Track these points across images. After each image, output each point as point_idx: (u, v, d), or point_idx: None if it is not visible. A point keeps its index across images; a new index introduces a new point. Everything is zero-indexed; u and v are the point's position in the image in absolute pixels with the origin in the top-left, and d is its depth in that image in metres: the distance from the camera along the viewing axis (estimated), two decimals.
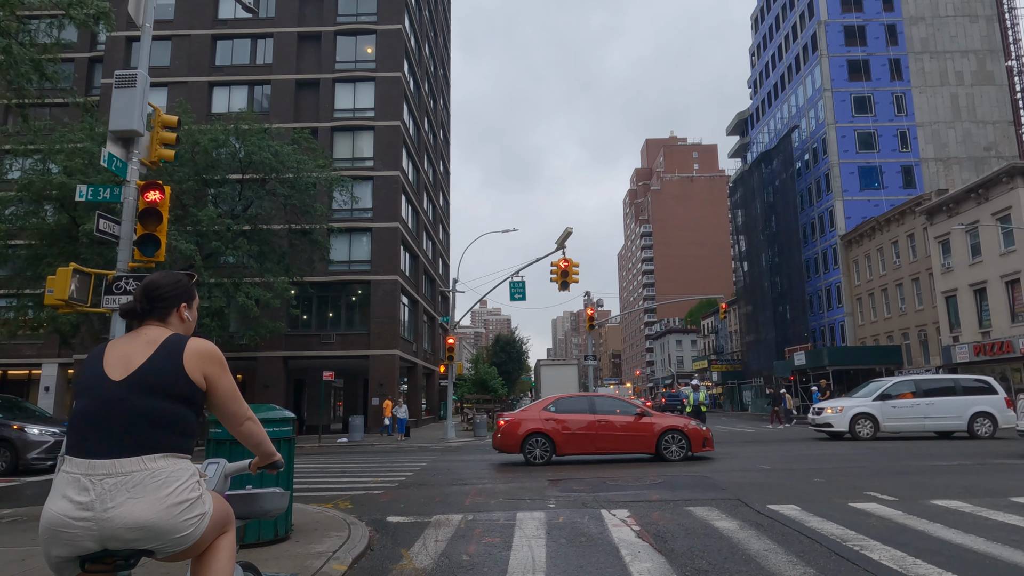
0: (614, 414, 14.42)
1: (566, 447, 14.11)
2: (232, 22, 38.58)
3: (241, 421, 2.57)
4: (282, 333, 30.76)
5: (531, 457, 14.05)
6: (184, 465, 2.27)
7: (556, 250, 25.18)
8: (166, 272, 2.62)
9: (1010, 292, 33.68)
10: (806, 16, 57.32)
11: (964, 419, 19.05)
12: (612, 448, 14.22)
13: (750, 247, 64.40)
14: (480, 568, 5.31)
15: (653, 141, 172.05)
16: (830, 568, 4.97)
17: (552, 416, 14.32)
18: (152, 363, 2.29)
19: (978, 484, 9.31)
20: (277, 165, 25.48)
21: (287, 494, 2.83)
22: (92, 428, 2.20)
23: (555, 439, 14.07)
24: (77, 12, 12.79)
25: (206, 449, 6.03)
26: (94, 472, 2.13)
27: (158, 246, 8.79)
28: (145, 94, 9.05)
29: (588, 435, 14.12)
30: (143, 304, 2.49)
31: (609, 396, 15.97)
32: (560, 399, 15.04)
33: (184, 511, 2.19)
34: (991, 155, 50.59)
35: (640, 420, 14.31)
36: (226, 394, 2.48)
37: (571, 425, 14.19)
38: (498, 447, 14.50)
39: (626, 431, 14.18)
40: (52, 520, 2.10)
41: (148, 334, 2.40)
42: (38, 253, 22.72)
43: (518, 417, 14.53)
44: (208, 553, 2.34)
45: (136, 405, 2.22)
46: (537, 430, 14.14)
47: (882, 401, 19.78)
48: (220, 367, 2.45)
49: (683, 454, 14.14)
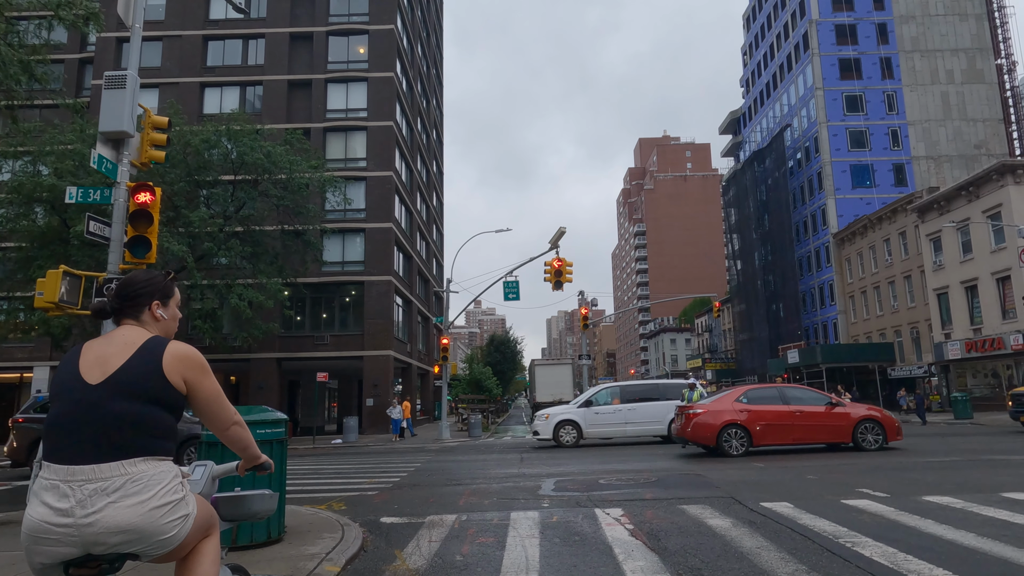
0: (806, 404, 14.57)
1: (762, 438, 14.22)
2: (223, 23, 38.42)
3: (227, 426, 2.52)
4: (275, 334, 30.68)
5: (728, 448, 14.07)
6: (165, 467, 2.24)
7: (550, 249, 25.21)
8: (143, 270, 2.57)
9: (1001, 289, 33.90)
10: (797, 15, 57.55)
11: (664, 424, 19.09)
12: (807, 438, 14.37)
13: (743, 246, 64.63)
14: (474, 568, 5.31)
15: (646, 140, 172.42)
16: (822, 565, 4.99)
17: (746, 408, 14.40)
18: (130, 366, 2.24)
19: (970, 480, 9.36)
20: (269, 166, 25.40)
21: (276, 496, 2.82)
22: (69, 434, 2.16)
23: (751, 430, 14.17)
24: (66, 13, 12.73)
25: (198, 451, 6.01)
26: (73, 478, 2.10)
27: (149, 248, 8.74)
28: (135, 95, 9.01)
29: (783, 426, 14.26)
30: (114, 302, 2.43)
31: (797, 386, 16.07)
32: (750, 390, 15.12)
33: (167, 513, 2.17)
34: (981, 153, 50.92)
35: (833, 410, 14.46)
36: (209, 398, 2.42)
37: (766, 416, 14.27)
38: (690, 438, 14.58)
39: (821, 421, 14.34)
40: (32, 527, 2.08)
41: (126, 335, 2.35)
42: (28, 255, 22.57)
43: (711, 409, 14.53)
44: (192, 557, 2.32)
45: (114, 409, 2.18)
46: (733, 421, 14.19)
47: (586, 408, 19.80)
48: (201, 371, 2.38)
49: (879, 443, 14.27)
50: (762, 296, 59.91)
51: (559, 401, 36.08)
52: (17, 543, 6.29)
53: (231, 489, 4.05)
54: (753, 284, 61.86)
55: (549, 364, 39.63)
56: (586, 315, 31.94)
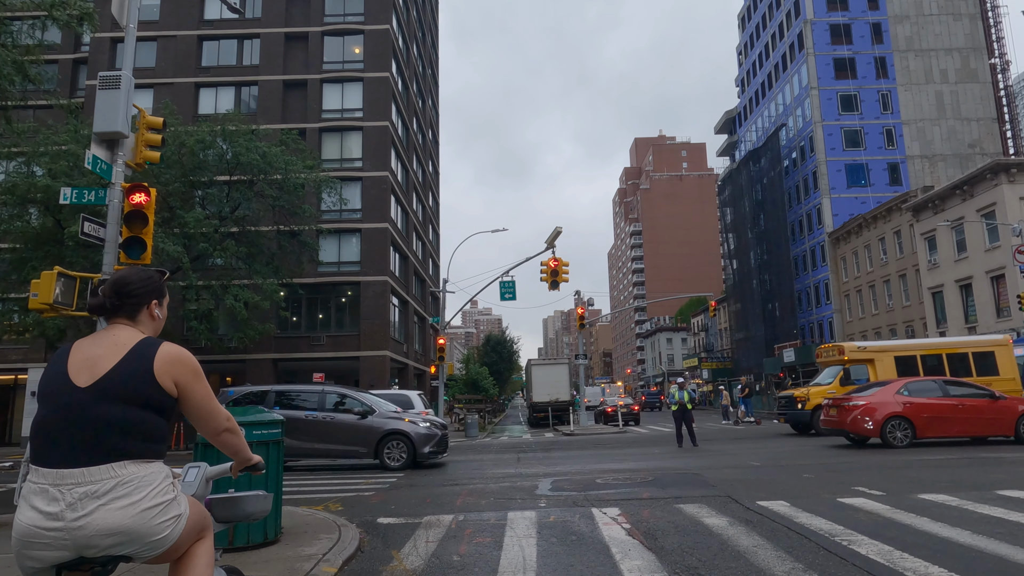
0: (968, 397, 14.66)
1: (926, 430, 14.33)
2: (218, 23, 38.32)
3: (219, 431, 2.50)
4: (271, 335, 30.61)
5: (892, 439, 14.23)
6: (156, 468, 2.22)
7: (546, 249, 25.22)
8: (137, 268, 2.55)
9: (995, 287, 34.04)
10: (792, 15, 57.69)
11: None
12: (970, 431, 14.49)
13: (739, 245, 64.76)
14: (471, 568, 5.31)
15: (642, 140, 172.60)
16: (818, 563, 5.00)
17: (908, 400, 14.53)
18: (120, 369, 2.21)
19: (965, 478, 9.40)
20: (265, 166, 25.34)
21: (270, 497, 2.82)
22: (58, 437, 2.13)
23: (915, 422, 14.29)
24: (60, 13, 12.69)
25: (194, 452, 5.99)
26: (63, 482, 2.08)
27: (144, 248, 8.72)
28: (130, 96, 8.98)
29: (947, 418, 14.39)
30: (112, 300, 2.39)
31: (956, 379, 16.16)
32: (911, 383, 15.20)
33: (159, 513, 2.15)
34: (975, 152, 51.12)
35: (996, 402, 14.58)
36: (200, 402, 2.38)
37: (930, 408, 14.39)
38: (850, 429, 14.73)
39: (984, 413, 14.46)
40: (22, 531, 2.07)
41: (117, 335, 2.32)
42: (22, 256, 22.49)
43: (874, 401, 14.68)
44: (185, 558, 2.31)
45: (103, 413, 2.15)
46: (896, 413, 14.33)
47: None
48: (193, 374, 2.35)
49: None
50: (758, 295, 60.05)
51: (556, 401, 36.09)
52: (9, 546, 6.25)
53: (225, 491, 4.04)
54: (749, 283, 62.00)
55: (545, 364, 39.63)
56: (582, 315, 31.96)
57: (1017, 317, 32.15)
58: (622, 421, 31.27)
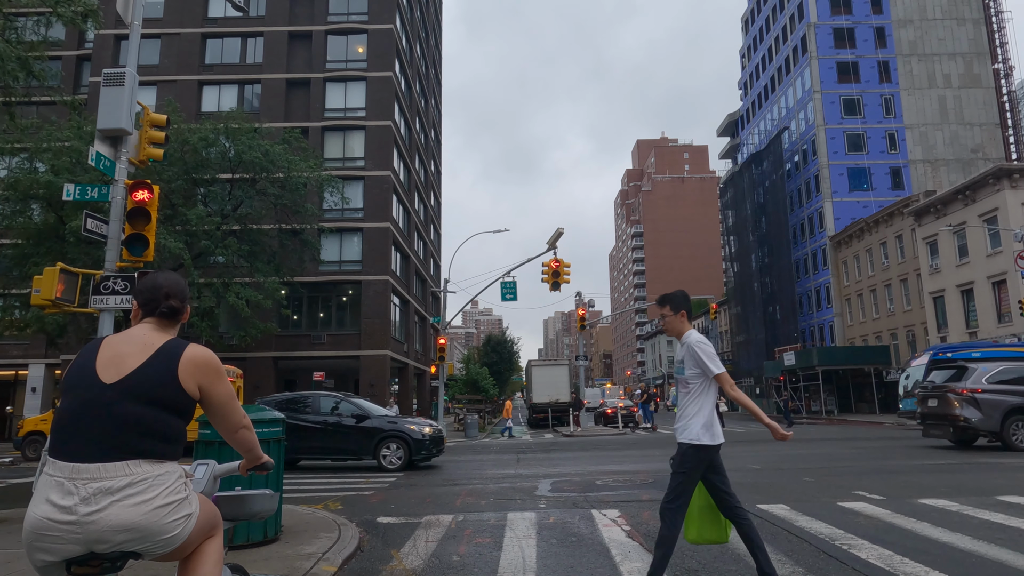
0: None
1: None
2: (222, 20, 38.37)
3: (236, 429, 2.54)
4: (272, 333, 30.63)
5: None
6: (169, 468, 2.24)
7: (548, 250, 25.21)
8: (166, 272, 2.58)
9: (996, 293, 34.01)
10: (796, 18, 57.66)
11: None
12: None
13: (740, 248, 64.71)
14: (470, 569, 5.31)
15: (644, 142, 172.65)
16: (818, 567, 5.00)
17: None
18: (145, 369, 2.24)
19: (965, 483, 9.38)
20: (267, 165, 25.37)
21: (276, 496, 2.82)
22: (77, 430, 2.16)
23: None
24: (64, 10, 12.68)
25: (195, 450, 5.99)
26: (78, 476, 2.09)
27: (146, 246, 8.72)
28: (133, 93, 8.98)
29: None
30: (168, 304, 2.45)
31: None
32: None
33: (171, 512, 2.17)
34: (978, 157, 51.08)
35: None
36: (221, 402, 2.43)
37: None
38: None
39: None
40: (35, 524, 2.07)
41: (146, 336, 2.35)
42: (25, 252, 22.49)
43: None
44: (195, 556, 2.32)
45: (124, 411, 2.17)
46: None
47: None
48: (216, 376, 2.39)
49: None
50: (759, 298, 60.01)
51: (556, 402, 36.07)
52: (13, 541, 6.26)
53: (231, 488, 4.04)
54: (750, 286, 61.95)
55: (546, 365, 39.62)
56: (583, 316, 31.95)
57: (1018, 322, 32.11)
58: (621, 423, 31.27)
